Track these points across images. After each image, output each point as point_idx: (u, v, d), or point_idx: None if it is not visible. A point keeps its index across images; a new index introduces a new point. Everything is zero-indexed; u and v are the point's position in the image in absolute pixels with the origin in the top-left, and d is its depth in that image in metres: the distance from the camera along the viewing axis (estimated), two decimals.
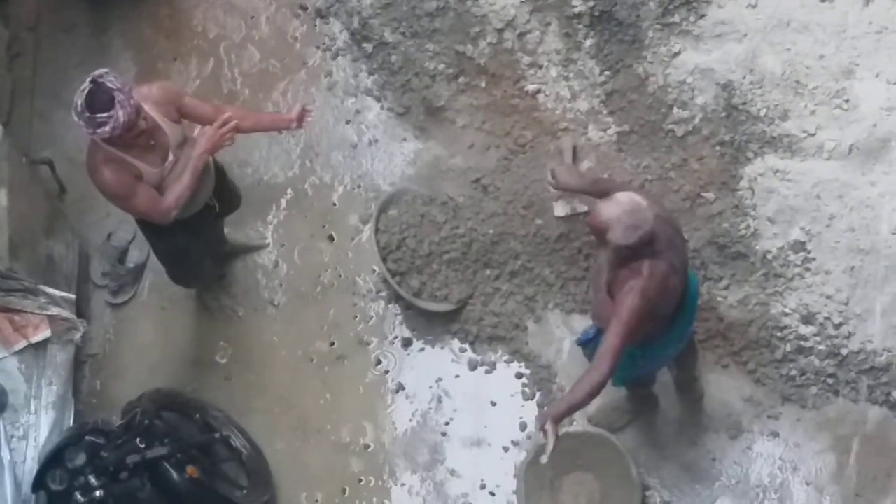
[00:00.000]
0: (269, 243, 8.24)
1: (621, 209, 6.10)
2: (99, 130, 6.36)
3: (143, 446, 7.04)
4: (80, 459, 6.87)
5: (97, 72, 6.44)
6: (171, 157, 6.78)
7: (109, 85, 6.34)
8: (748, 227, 7.65)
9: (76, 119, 6.40)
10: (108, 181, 6.65)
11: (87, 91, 6.36)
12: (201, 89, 8.55)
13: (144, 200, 6.75)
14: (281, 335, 8.10)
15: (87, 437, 7.02)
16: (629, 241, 6.08)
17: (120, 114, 6.32)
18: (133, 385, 7.87)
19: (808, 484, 7.54)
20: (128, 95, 6.36)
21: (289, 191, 8.35)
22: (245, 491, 7.59)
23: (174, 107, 6.83)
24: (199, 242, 7.49)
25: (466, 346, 7.94)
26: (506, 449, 7.75)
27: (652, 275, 6.16)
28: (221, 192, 7.45)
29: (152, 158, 6.72)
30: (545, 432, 6.13)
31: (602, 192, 6.69)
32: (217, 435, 7.65)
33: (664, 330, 6.56)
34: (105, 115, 6.32)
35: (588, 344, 6.88)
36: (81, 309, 7.97)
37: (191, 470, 7.18)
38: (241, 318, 8.16)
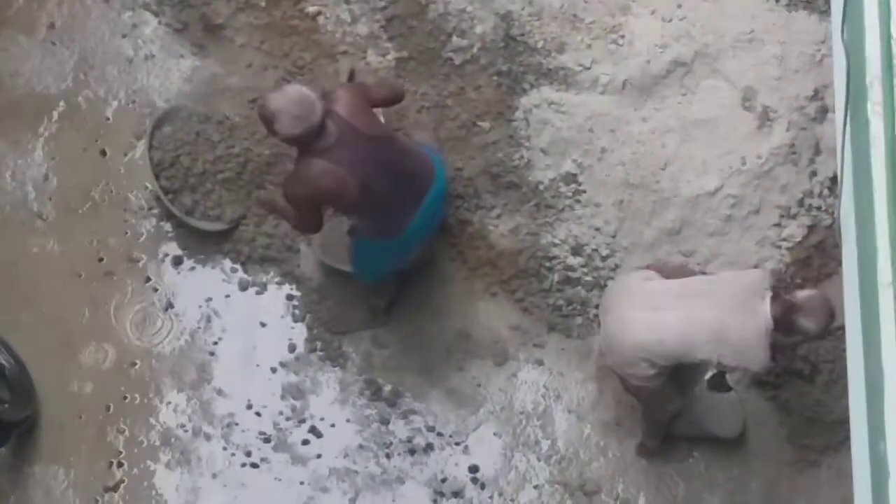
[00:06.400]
0: None
1: (287, 100, 6.48)
2: None
3: None
4: None
5: None
6: None
7: None
8: (522, 157, 7.71)
9: None
10: None
11: None
12: None
13: None
14: (49, 249, 7.95)
15: None
16: (294, 132, 6.51)
17: None
18: None
19: (570, 412, 7.66)
20: None
21: (61, 103, 8.16)
22: (7, 405, 7.48)
23: None
24: None
25: (238, 266, 7.89)
26: (273, 370, 7.75)
27: (307, 171, 6.67)
28: None
29: None
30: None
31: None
32: None
33: (400, 225, 6.91)
34: None
35: None
36: None
37: None
38: (7, 230, 7.99)
